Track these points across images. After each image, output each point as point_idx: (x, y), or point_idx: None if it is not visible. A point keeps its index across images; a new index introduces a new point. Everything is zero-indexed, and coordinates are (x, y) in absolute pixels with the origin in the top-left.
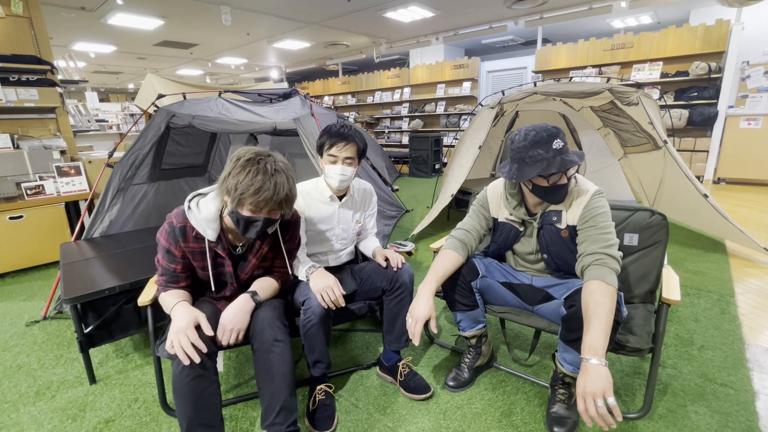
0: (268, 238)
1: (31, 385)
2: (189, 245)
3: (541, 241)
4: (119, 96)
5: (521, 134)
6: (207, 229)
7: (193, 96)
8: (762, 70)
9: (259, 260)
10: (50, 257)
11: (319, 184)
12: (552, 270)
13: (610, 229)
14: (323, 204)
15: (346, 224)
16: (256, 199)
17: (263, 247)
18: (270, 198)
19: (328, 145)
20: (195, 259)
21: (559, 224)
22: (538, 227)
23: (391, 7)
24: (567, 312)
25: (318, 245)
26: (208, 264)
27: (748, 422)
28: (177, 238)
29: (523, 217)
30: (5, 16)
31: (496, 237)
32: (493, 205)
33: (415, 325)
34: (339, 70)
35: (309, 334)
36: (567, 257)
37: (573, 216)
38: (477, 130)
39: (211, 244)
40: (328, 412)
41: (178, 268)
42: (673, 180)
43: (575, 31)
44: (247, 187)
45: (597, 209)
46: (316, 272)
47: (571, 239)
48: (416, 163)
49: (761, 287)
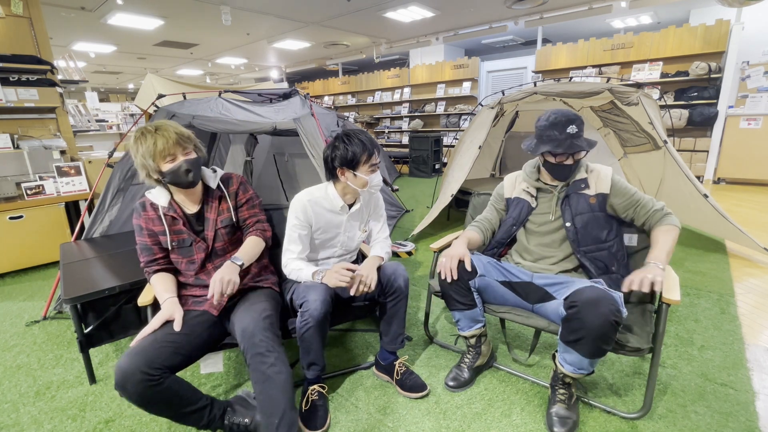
0: (215, 192)
1: (31, 385)
2: (148, 214)
3: (565, 209)
4: (119, 96)
5: (546, 115)
6: (159, 196)
7: (193, 96)
8: (762, 70)
9: (216, 214)
10: (50, 257)
11: (329, 193)
12: (571, 240)
13: (644, 195)
14: (333, 214)
15: (351, 232)
16: (160, 151)
17: (213, 202)
18: (166, 145)
19: (366, 156)
20: (155, 224)
21: (588, 191)
22: (563, 196)
23: (391, 7)
24: (567, 313)
25: (322, 251)
26: (165, 229)
27: (748, 422)
28: (139, 212)
29: (542, 185)
30: (5, 16)
31: (510, 213)
32: (508, 186)
33: (450, 261)
34: (339, 70)
35: (306, 337)
36: (591, 226)
37: (603, 185)
38: (477, 130)
39: (164, 210)
40: (321, 412)
41: (149, 241)
42: (673, 180)
43: (575, 31)
44: (149, 150)
45: (623, 181)
46: (325, 275)
47: (599, 207)
48: (416, 163)
49: (761, 287)
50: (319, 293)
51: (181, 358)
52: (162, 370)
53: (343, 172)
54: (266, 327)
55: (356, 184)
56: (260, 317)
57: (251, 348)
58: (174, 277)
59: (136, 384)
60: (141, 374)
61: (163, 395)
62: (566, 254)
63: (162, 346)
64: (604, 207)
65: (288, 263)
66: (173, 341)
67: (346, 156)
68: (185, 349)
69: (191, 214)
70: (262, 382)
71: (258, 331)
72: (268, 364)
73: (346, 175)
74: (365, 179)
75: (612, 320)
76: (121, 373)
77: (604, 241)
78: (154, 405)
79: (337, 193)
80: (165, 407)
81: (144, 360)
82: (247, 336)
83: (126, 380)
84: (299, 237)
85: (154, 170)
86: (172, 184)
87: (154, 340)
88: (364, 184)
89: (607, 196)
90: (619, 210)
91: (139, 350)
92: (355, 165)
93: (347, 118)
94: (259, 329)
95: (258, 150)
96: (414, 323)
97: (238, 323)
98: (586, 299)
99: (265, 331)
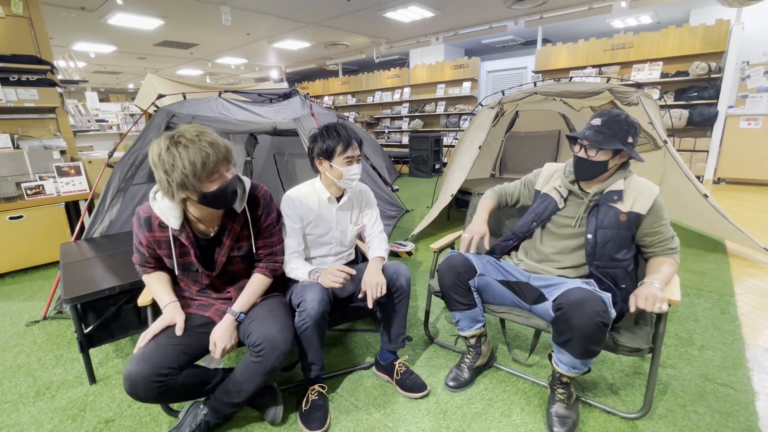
0: (239, 216)
1: (31, 385)
2: (154, 235)
3: (591, 219)
4: (119, 96)
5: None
6: (170, 217)
7: (193, 96)
8: (762, 70)
9: (234, 240)
10: (50, 257)
11: (316, 187)
12: (587, 253)
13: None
14: (321, 206)
15: (344, 227)
16: (208, 168)
17: (235, 226)
18: (217, 159)
19: (342, 147)
20: (160, 248)
21: (621, 206)
22: (592, 205)
23: (391, 7)
24: (555, 315)
25: (317, 248)
26: (173, 252)
27: (748, 422)
28: (143, 228)
29: (575, 189)
30: (5, 16)
31: (535, 206)
32: (543, 177)
33: (471, 238)
34: (339, 70)
35: (304, 336)
36: (612, 243)
37: (641, 204)
38: (477, 130)
39: (174, 233)
40: (321, 413)
41: (146, 252)
42: (673, 180)
43: (575, 31)
44: (193, 166)
45: (663, 208)
46: (320, 275)
47: (627, 226)
48: (416, 163)
49: (761, 287)
50: (316, 292)
51: (189, 357)
52: (171, 370)
53: (321, 162)
54: (292, 342)
55: (333, 175)
56: (288, 329)
57: (271, 352)
58: (169, 277)
59: (148, 390)
60: (150, 381)
61: (178, 390)
62: (575, 263)
63: (167, 350)
64: (633, 227)
65: (288, 261)
66: (178, 343)
67: (323, 146)
68: (190, 350)
69: (205, 238)
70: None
71: (284, 345)
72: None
73: (324, 165)
74: (340, 170)
75: (598, 321)
76: (131, 381)
77: (621, 260)
78: (170, 399)
79: (323, 186)
80: (182, 396)
81: (151, 365)
82: (270, 344)
83: (137, 387)
84: (292, 230)
85: (197, 192)
86: (209, 206)
87: (158, 345)
88: (340, 176)
89: (641, 217)
90: (640, 233)
91: (146, 356)
92: (331, 155)
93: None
94: (287, 343)
95: (258, 150)
96: (414, 323)
97: (261, 327)
98: (571, 300)
99: (289, 344)
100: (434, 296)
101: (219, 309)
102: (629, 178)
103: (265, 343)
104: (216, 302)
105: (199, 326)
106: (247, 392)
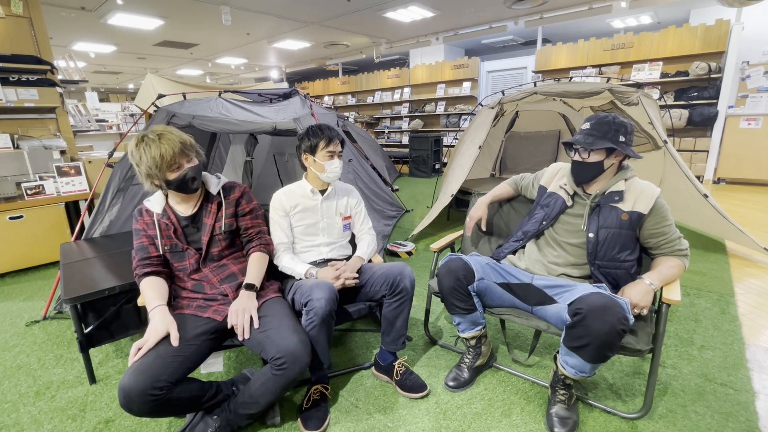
0: (214, 197)
1: (31, 385)
2: (144, 219)
3: (593, 220)
4: (119, 96)
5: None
6: (155, 203)
7: (193, 96)
8: (762, 70)
9: (214, 220)
10: (50, 257)
11: (302, 183)
12: (588, 252)
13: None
14: (306, 198)
15: (330, 218)
16: (167, 161)
17: (211, 206)
18: (174, 153)
19: (325, 143)
20: (149, 229)
21: (622, 205)
22: (593, 205)
23: (391, 7)
24: (572, 320)
25: (308, 238)
26: (157, 232)
27: (748, 422)
28: (137, 218)
29: (577, 190)
30: (5, 16)
31: (545, 204)
32: (549, 174)
33: (470, 221)
34: (339, 70)
35: (311, 335)
36: (613, 243)
37: (643, 204)
38: (477, 130)
39: (157, 216)
40: (321, 413)
41: (145, 242)
42: (673, 180)
43: (575, 31)
44: (155, 161)
45: (666, 209)
46: (320, 271)
47: (629, 226)
48: (416, 163)
49: (761, 287)
50: (324, 291)
51: (186, 369)
52: (168, 385)
53: (306, 158)
54: (310, 352)
55: (316, 169)
56: (306, 339)
57: (293, 365)
58: (165, 283)
59: (142, 404)
60: (146, 395)
61: (171, 404)
62: (574, 262)
63: (166, 362)
64: (635, 227)
65: (280, 255)
66: (177, 354)
67: (308, 143)
68: (191, 359)
69: (186, 217)
70: (272, 383)
71: (306, 357)
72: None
73: (309, 160)
74: (322, 164)
75: (619, 329)
76: (126, 394)
77: (623, 261)
78: (165, 414)
79: (308, 181)
80: (177, 411)
81: (149, 379)
82: (291, 357)
83: (131, 401)
84: (279, 225)
85: (160, 179)
86: (175, 190)
87: (157, 356)
88: (322, 169)
89: (643, 216)
90: (643, 234)
91: (144, 368)
92: (314, 150)
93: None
94: (308, 355)
95: (258, 150)
96: (414, 323)
97: (278, 340)
98: (592, 306)
99: (309, 355)
100: (434, 296)
101: (218, 309)
102: (630, 179)
103: (287, 356)
104: (214, 303)
105: (196, 336)
106: (265, 404)
